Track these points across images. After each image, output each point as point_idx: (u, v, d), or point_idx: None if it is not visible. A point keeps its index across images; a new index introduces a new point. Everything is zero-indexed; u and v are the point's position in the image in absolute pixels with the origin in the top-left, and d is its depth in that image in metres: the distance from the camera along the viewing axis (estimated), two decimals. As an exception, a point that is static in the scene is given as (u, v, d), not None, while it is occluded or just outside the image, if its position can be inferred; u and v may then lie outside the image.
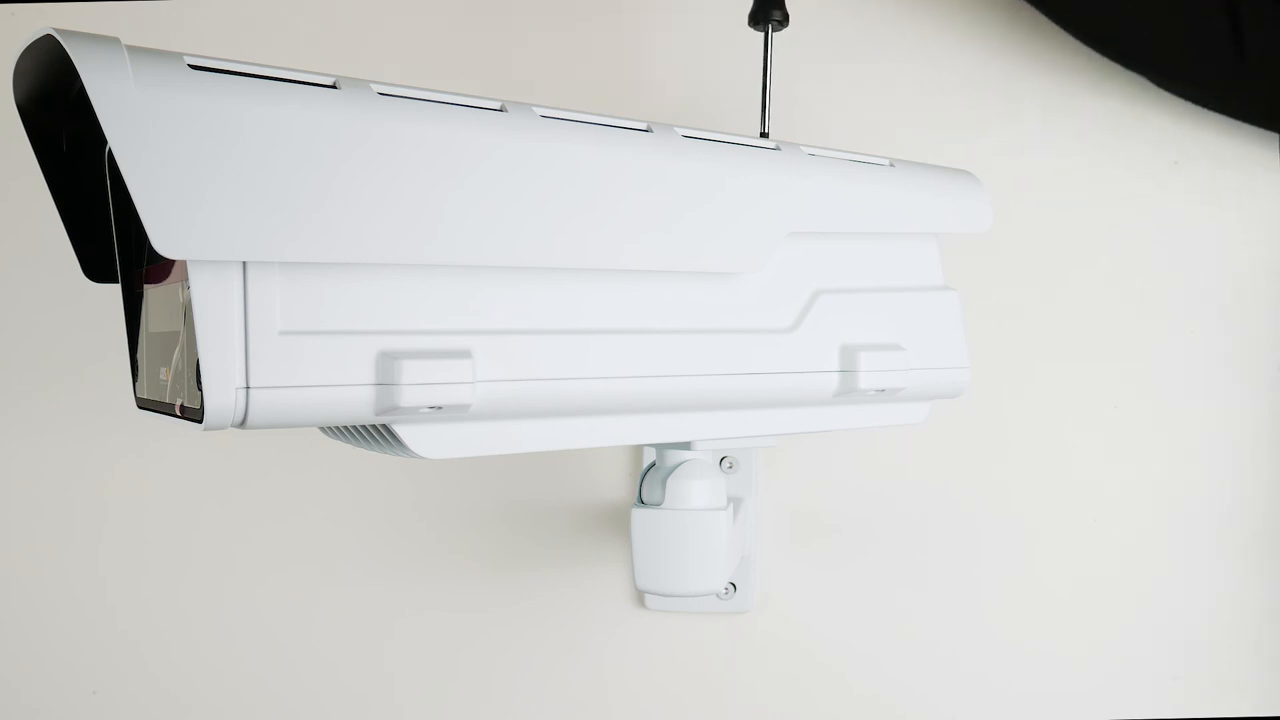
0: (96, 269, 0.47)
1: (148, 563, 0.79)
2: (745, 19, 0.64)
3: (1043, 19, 0.74)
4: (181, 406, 0.40)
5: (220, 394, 0.36)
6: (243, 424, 0.37)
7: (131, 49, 0.36)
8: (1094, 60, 0.76)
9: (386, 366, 0.40)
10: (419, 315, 0.41)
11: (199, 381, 0.36)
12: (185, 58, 0.37)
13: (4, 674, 0.80)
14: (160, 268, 0.43)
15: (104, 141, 0.43)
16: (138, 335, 0.46)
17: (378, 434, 0.44)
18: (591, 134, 0.46)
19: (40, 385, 0.80)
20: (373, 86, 0.41)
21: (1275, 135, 0.77)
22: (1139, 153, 0.78)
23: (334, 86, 0.40)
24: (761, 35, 0.63)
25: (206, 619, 0.79)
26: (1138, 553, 0.76)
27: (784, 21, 0.62)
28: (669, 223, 0.47)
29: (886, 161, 0.56)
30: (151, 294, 0.44)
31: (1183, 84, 0.74)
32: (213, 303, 0.36)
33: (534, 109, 0.44)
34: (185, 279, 0.37)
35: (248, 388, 0.37)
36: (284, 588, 0.79)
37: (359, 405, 0.40)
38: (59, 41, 0.35)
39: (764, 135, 0.61)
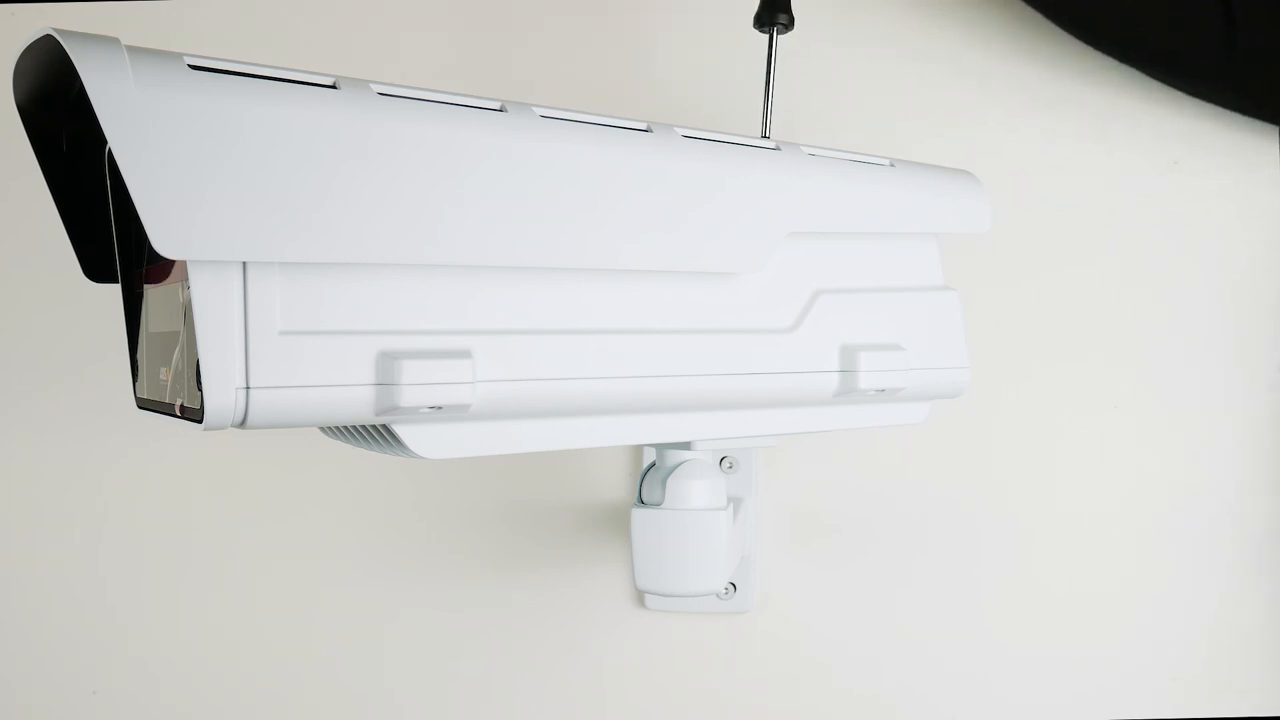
0: (96, 269, 0.47)
1: (147, 563, 0.79)
2: (746, 18, 0.64)
3: (1039, 18, 0.74)
4: (181, 406, 0.40)
5: (220, 394, 0.36)
6: (243, 424, 0.37)
7: (131, 49, 0.36)
8: (1092, 57, 0.76)
9: (386, 366, 0.40)
10: (419, 315, 0.41)
11: (199, 381, 0.36)
12: (185, 58, 0.37)
13: (4, 674, 0.80)
14: (160, 268, 0.43)
15: (104, 141, 0.43)
16: (138, 335, 0.46)
17: (378, 434, 0.44)
18: (591, 134, 0.46)
19: (40, 385, 0.80)
20: (373, 86, 0.41)
21: (1275, 135, 0.77)
22: (1138, 151, 0.78)
23: (334, 86, 0.40)
24: (765, 37, 0.63)
25: (206, 619, 0.79)
26: (1138, 552, 0.76)
27: (789, 25, 0.62)
28: (669, 223, 0.47)
29: (886, 161, 0.56)
30: (151, 294, 0.44)
31: (1176, 77, 0.75)
32: (213, 303, 0.36)
33: (534, 109, 0.44)
34: (185, 279, 0.37)
35: (248, 388, 0.37)
36: (284, 588, 0.79)
37: (359, 405, 0.40)
38: (59, 41, 0.35)
39: (764, 136, 0.61)
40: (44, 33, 0.36)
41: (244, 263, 0.37)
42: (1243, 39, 0.70)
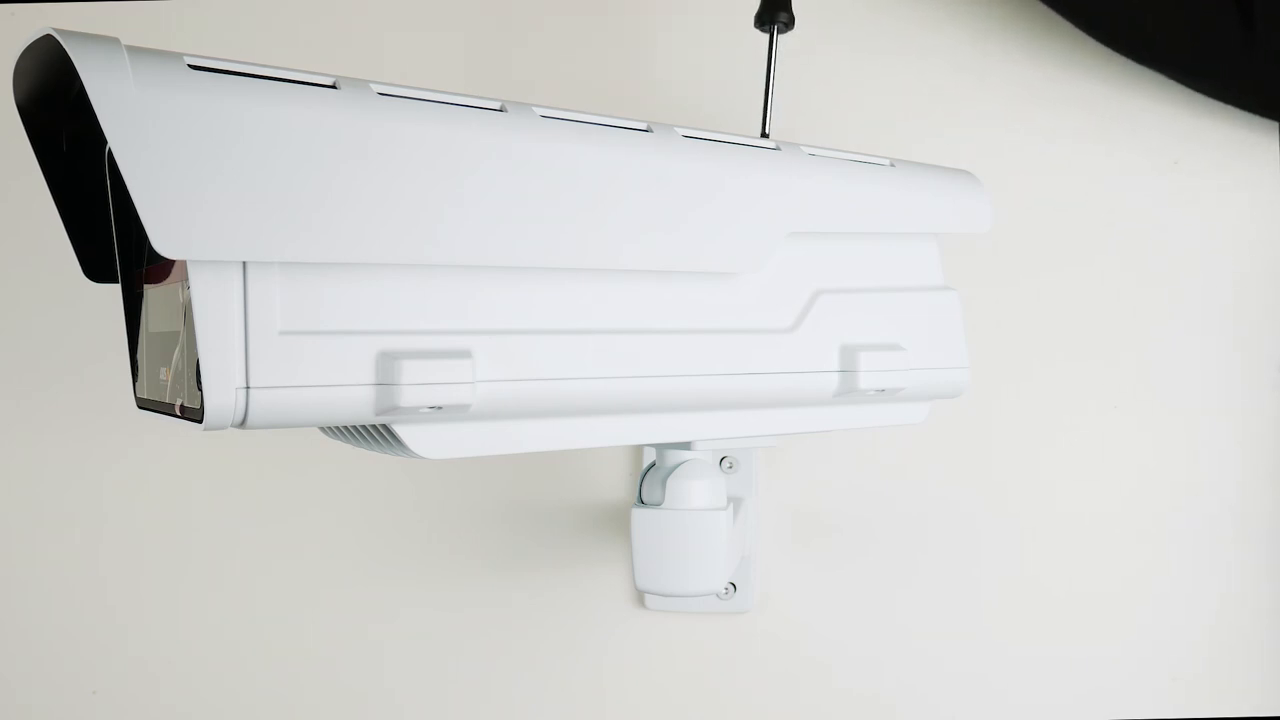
0: (96, 269, 0.47)
1: (147, 563, 0.79)
2: (746, 18, 0.64)
3: (1049, 14, 0.74)
4: (181, 406, 0.40)
5: (220, 394, 0.36)
6: (243, 424, 0.37)
7: (131, 49, 0.36)
8: (1091, 57, 0.76)
9: (386, 366, 0.40)
10: (419, 315, 0.41)
11: (199, 381, 0.36)
12: (185, 58, 0.37)
13: (4, 674, 0.80)
14: (160, 268, 0.43)
15: (104, 141, 0.43)
16: (138, 335, 0.46)
17: (378, 434, 0.44)
18: (591, 134, 0.46)
19: (40, 385, 0.80)
20: (373, 86, 0.41)
21: (1275, 135, 0.77)
22: (1138, 151, 0.78)
23: (334, 86, 0.40)
24: (765, 36, 0.63)
25: (206, 619, 0.79)
26: (1138, 552, 0.76)
27: (789, 24, 0.62)
28: (669, 223, 0.47)
29: (887, 161, 0.56)
30: (151, 294, 0.44)
31: (1191, 76, 0.74)
32: (213, 303, 0.36)
33: (534, 109, 0.44)
34: (185, 279, 0.37)
35: (248, 388, 0.37)
36: (284, 587, 0.79)
37: (359, 405, 0.40)
38: (59, 41, 0.35)
39: (764, 136, 0.61)
40: (44, 33, 0.36)
41: (244, 263, 0.37)
42: (1259, 39, 0.70)
